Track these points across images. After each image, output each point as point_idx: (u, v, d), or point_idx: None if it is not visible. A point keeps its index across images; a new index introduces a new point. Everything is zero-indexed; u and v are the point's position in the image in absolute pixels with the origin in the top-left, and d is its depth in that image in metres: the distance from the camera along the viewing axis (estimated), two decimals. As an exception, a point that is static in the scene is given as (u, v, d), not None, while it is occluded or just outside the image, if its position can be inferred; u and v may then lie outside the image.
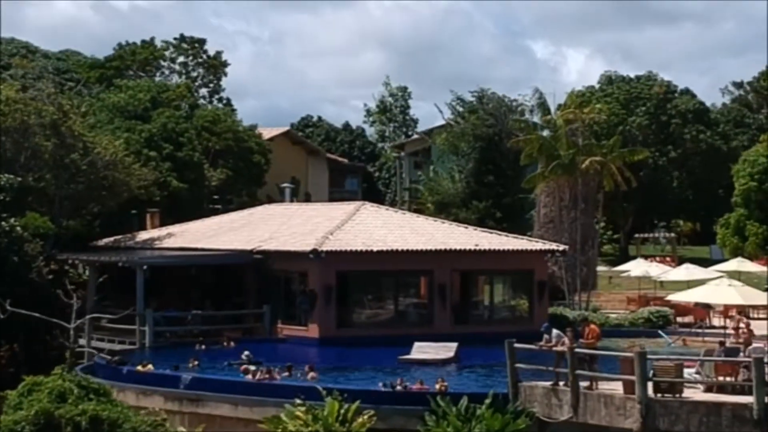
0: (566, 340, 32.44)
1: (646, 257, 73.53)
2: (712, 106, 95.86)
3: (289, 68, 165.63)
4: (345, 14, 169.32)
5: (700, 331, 51.32)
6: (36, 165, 54.02)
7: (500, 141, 72.38)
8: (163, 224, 59.97)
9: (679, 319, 55.39)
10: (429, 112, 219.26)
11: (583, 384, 31.31)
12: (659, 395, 29.76)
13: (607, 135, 72.36)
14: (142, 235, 58.16)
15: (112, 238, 57.92)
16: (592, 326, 32.39)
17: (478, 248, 50.22)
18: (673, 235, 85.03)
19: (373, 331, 48.72)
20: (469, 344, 44.13)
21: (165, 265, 51.14)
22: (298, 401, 32.82)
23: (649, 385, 29.64)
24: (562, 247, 53.24)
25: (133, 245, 56.31)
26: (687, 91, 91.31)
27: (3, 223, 47.02)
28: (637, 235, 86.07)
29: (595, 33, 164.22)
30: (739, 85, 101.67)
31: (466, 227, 55.01)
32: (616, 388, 30.98)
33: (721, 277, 57.92)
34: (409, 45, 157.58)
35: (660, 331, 50.97)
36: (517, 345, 33.22)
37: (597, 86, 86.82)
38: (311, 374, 38.31)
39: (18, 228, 47.71)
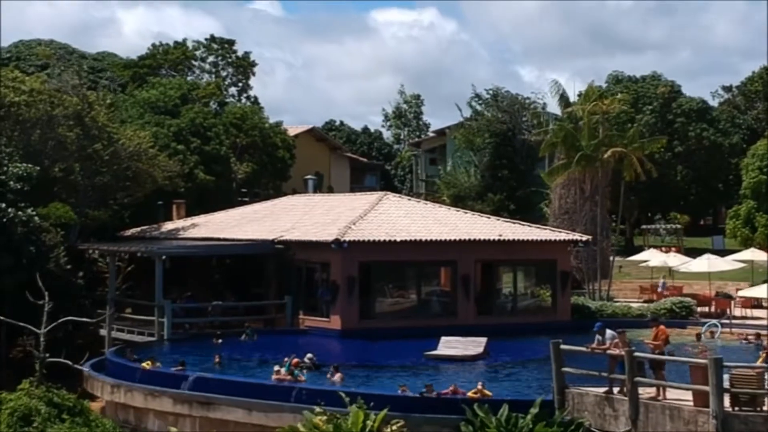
0: (618, 341, 24.60)
1: (652, 248, 65.83)
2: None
3: (317, 89, 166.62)
4: (364, 44, 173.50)
5: (726, 321, 43.34)
6: (61, 155, 46.43)
7: (514, 136, 66.77)
8: (189, 215, 52.16)
9: (699, 310, 47.36)
10: (433, 125, 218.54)
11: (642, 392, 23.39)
12: (737, 408, 21.80)
13: (617, 131, 64.58)
14: (167, 226, 50.36)
15: (138, 228, 50.23)
16: (662, 327, 24.19)
17: (501, 238, 42.54)
18: (679, 226, 77.21)
19: (395, 322, 41.05)
20: (493, 336, 36.88)
21: (185, 255, 43.32)
22: (317, 409, 24.94)
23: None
24: (585, 238, 45.57)
25: (158, 235, 48.54)
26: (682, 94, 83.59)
27: (20, 212, 39.43)
28: (644, 227, 78.41)
29: (573, 60, 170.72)
30: (728, 88, 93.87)
31: (489, 217, 47.26)
32: (681, 397, 23.03)
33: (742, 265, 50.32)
34: (417, 70, 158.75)
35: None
36: (563, 347, 25.16)
37: (605, 86, 78.87)
38: (337, 375, 30.13)
39: (36, 218, 40.15)
